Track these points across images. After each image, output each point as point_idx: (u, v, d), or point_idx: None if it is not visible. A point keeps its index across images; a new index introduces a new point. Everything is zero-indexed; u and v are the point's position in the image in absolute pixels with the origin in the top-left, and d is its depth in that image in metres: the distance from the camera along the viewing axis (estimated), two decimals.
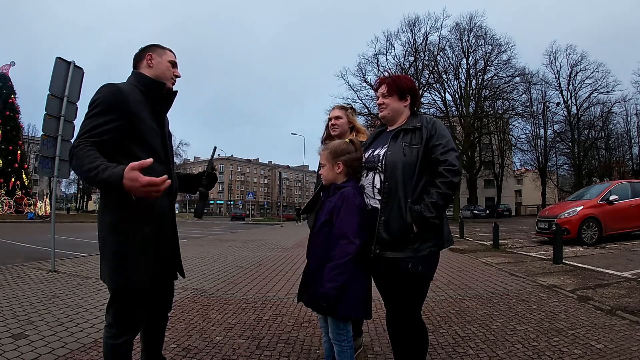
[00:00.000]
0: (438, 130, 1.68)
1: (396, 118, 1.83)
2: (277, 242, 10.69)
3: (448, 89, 32.12)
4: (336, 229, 1.64)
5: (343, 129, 2.33)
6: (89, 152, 1.36)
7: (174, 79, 1.73)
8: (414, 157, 1.65)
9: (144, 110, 1.56)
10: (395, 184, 1.65)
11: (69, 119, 5.30)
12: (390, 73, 1.93)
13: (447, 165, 1.59)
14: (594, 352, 2.29)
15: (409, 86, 1.84)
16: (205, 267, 5.80)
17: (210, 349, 2.42)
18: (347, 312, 1.65)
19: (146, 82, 1.63)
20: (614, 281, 4.36)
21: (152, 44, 1.72)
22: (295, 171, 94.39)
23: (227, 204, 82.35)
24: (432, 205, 1.57)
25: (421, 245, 1.62)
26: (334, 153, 1.79)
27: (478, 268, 5.48)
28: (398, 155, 1.68)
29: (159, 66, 1.67)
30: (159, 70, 1.67)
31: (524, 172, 43.99)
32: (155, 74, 1.66)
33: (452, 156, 1.62)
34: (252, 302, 3.64)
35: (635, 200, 8.44)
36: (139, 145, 1.53)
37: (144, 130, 1.54)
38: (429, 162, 1.64)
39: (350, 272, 1.59)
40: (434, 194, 1.58)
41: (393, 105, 1.81)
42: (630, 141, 33.77)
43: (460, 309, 3.31)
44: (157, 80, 1.65)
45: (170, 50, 1.75)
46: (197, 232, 16.28)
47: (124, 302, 1.51)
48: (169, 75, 1.69)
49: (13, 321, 2.84)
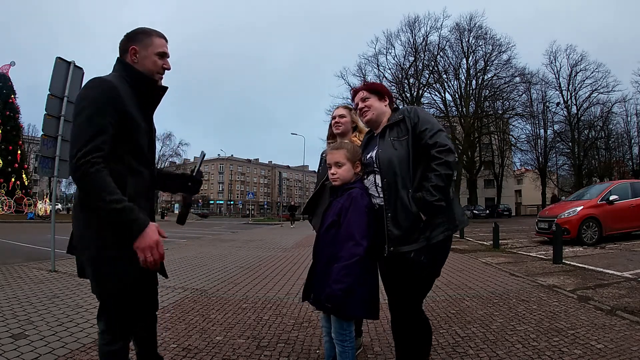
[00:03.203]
0: (420, 116, 1.69)
1: (380, 118, 1.84)
2: (277, 242, 10.69)
3: (448, 89, 32.23)
4: (344, 230, 1.64)
5: (346, 128, 2.35)
6: (107, 177, 1.26)
7: (162, 72, 1.53)
8: (404, 148, 1.67)
9: (133, 106, 1.41)
10: (393, 179, 1.66)
11: (69, 119, 5.29)
12: (357, 85, 2.02)
13: (438, 147, 1.60)
14: (594, 352, 2.28)
15: (383, 88, 1.92)
16: (205, 267, 5.80)
17: (210, 349, 2.42)
18: (353, 313, 1.66)
19: (135, 75, 1.46)
20: (614, 281, 4.36)
21: (136, 32, 1.48)
22: (295, 171, 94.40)
23: (227, 204, 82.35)
24: (433, 188, 1.56)
25: (433, 232, 1.61)
26: (353, 152, 1.79)
27: (478, 268, 5.48)
28: (389, 151, 1.70)
29: (144, 62, 1.47)
30: (144, 67, 1.47)
31: (524, 172, 44.02)
32: (140, 70, 1.47)
33: (441, 136, 1.62)
34: (252, 302, 3.64)
35: (635, 200, 8.44)
36: (127, 146, 1.40)
37: (134, 130, 1.41)
38: (421, 149, 1.64)
39: (358, 274, 1.59)
40: (432, 177, 1.58)
41: (375, 106, 1.84)
42: (630, 141, 33.81)
43: (460, 309, 3.31)
44: (148, 76, 1.48)
45: (159, 36, 1.51)
46: (197, 232, 16.29)
47: (114, 308, 1.43)
48: (155, 70, 1.50)
49: (13, 321, 2.84)
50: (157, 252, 1.32)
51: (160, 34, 1.52)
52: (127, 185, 1.37)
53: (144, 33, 1.48)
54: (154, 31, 1.50)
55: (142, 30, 1.48)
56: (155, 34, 1.50)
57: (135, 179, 1.42)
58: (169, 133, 52.78)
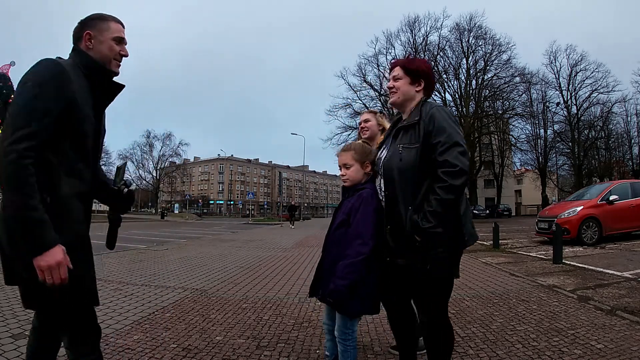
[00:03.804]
0: (437, 123, 1.50)
1: (406, 104, 1.68)
2: (277, 242, 10.69)
3: (448, 89, 32.24)
4: (352, 229, 1.68)
5: (373, 132, 2.37)
6: (32, 178, 1.11)
7: (119, 59, 1.40)
8: (411, 159, 1.53)
9: (84, 98, 1.27)
10: (393, 192, 1.58)
11: None
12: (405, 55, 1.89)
13: (446, 167, 1.43)
14: (594, 352, 2.28)
15: (422, 69, 1.69)
16: (205, 267, 5.79)
17: (210, 349, 2.42)
18: (354, 308, 1.69)
19: (90, 65, 1.33)
20: (614, 281, 4.36)
21: (91, 17, 1.37)
22: (295, 171, 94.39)
23: (227, 204, 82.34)
24: (430, 214, 1.43)
25: (431, 252, 1.50)
26: (361, 153, 1.80)
27: (478, 268, 5.48)
28: (394, 160, 1.60)
29: (99, 47, 1.34)
30: (100, 54, 1.35)
31: (524, 172, 43.97)
32: (96, 57, 1.35)
33: (453, 154, 1.43)
34: (252, 302, 3.64)
35: (635, 200, 8.44)
36: (70, 139, 1.24)
37: (80, 122, 1.26)
38: (431, 163, 1.48)
39: (363, 272, 1.62)
40: (433, 202, 1.44)
41: (403, 89, 1.66)
42: (630, 141, 33.78)
43: (460, 309, 3.31)
44: (103, 65, 1.35)
45: (116, 21, 1.40)
46: (198, 232, 16.29)
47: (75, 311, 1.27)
48: (111, 57, 1.37)
49: (13, 321, 2.84)
50: (59, 274, 1.14)
51: (117, 19, 1.42)
52: (62, 184, 1.23)
53: (99, 18, 1.38)
54: (110, 16, 1.41)
55: (97, 16, 1.38)
56: (112, 18, 1.40)
57: (73, 178, 1.27)
58: (169, 133, 52.91)
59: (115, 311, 3.20)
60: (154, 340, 2.54)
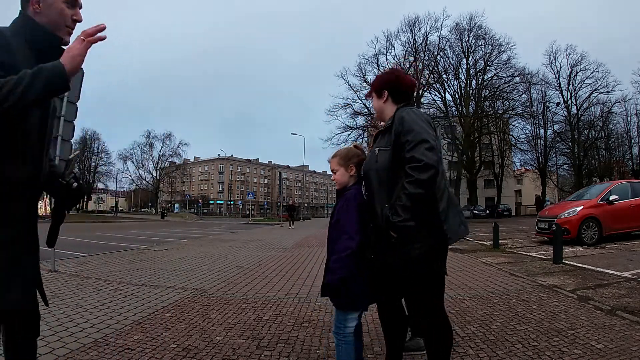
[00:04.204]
0: (405, 124, 1.57)
1: (384, 118, 1.82)
2: (277, 242, 10.69)
3: (448, 89, 32.15)
4: (340, 227, 1.78)
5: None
6: None
7: (72, 25, 1.23)
8: (385, 161, 1.63)
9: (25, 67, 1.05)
10: (371, 192, 1.70)
11: (68, 119, 5.29)
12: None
13: (413, 163, 1.49)
14: (594, 352, 2.28)
15: (383, 80, 1.82)
16: (205, 267, 5.79)
17: (210, 349, 2.42)
18: (344, 302, 1.76)
19: (35, 31, 1.16)
20: (614, 281, 4.36)
21: None
22: (295, 171, 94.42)
23: (227, 204, 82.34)
24: (400, 208, 1.50)
25: (407, 247, 1.56)
26: (344, 157, 1.92)
27: (478, 268, 5.48)
28: (371, 162, 1.72)
29: (48, 11, 1.17)
30: (48, 19, 1.18)
31: (524, 172, 43.99)
32: (44, 22, 1.18)
33: (420, 151, 1.48)
34: (252, 302, 3.64)
35: (635, 200, 8.43)
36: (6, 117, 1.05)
37: None
38: (403, 162, 1.56)
39: (352, 266, 1.68)
40: (402, 196, 1.50)
41: (375, 106, 1.83)
42: (630, 141, 33.77)
43: (460, 309, 3.31)
44: (52, 33, 1.19)
45: None
46: (197, 232, 16.29)
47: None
48: (62, 23, 1.20)
49: None
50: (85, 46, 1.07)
51: None
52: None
53: None
54: None
55: None
56: None
57: (10, 165, 1.10)
58: (169, 133, 53.04)
59: (115, 311, 3.21)
60: (154, 340, 2.54)
